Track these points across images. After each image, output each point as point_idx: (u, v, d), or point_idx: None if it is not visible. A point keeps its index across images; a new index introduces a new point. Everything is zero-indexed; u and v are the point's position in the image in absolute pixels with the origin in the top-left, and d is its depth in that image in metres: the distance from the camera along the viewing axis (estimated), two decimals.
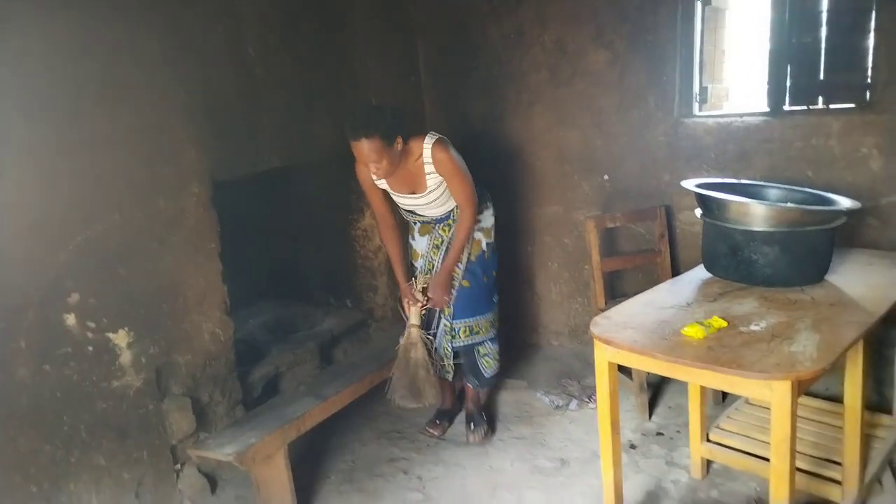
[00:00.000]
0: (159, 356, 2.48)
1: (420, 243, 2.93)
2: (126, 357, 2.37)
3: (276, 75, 2.88)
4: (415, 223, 2.94)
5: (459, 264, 2.85)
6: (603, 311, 2.61)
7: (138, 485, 2.44)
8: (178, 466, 2.58)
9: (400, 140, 2.58)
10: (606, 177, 3.50)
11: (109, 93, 2.26)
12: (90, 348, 2.26)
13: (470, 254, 2.87)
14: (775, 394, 1.67)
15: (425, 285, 2.86)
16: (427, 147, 2.68)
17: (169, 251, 2.48)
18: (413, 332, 2.84)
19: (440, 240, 2.88)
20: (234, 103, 2.71)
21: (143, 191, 2.38)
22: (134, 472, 2.42)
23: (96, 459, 2.30)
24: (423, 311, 2.87)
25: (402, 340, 2.87)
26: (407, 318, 2.89)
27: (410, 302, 2.85)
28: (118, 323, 2.34)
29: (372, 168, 2.60)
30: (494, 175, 3.75)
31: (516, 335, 3.88)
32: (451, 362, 2.94)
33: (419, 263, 2.93)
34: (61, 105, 2.13)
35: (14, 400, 2.07)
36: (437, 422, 3.08)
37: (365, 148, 2.50)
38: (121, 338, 2.35)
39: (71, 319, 2.20)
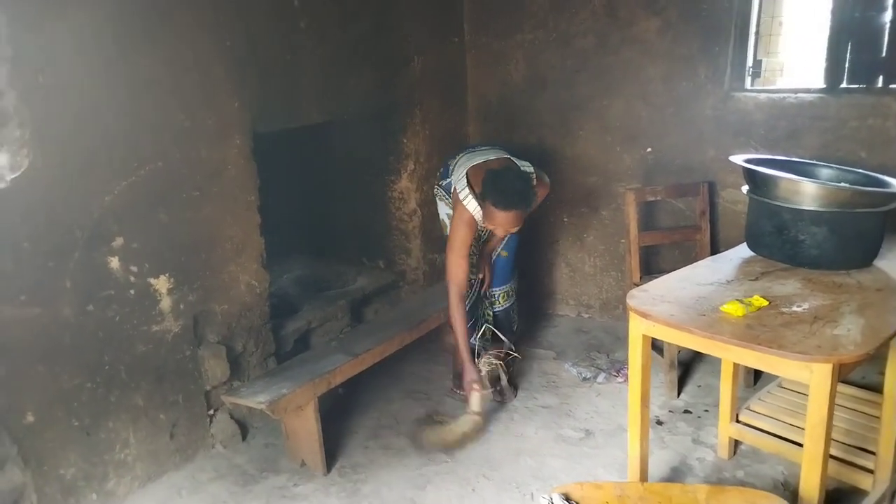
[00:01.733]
0: (197, 304, 2.53)
1: None
2: (166, 303, 2.42)
3: (319, 29, 2.86)
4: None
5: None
6: (637, 286, 2.59)
7: (173, 426, 2.52)
8: (212, 412, 2.66)
9: None
10: (649, 149, 3.43)
11: (157, 34, 2.27)
12: (132, 292, 2.32)
13: None
14: (815, 376, 1.63)
15: (489, 368, 2.86)
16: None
17: (209, 201, 2.51)
18: (476, 419, 2.71)
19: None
20: (276, 55, 2.70)
21: (186, 138, 2.40)
22: (169, 414, 2.50)
23: (135, 399, 2.38)
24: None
25: (464, 424, 2.71)
26: (469, 405, 2.73)
27: (478, 388, 2.72)
28: (159, 269, 2.39)
29: (503, 232, 2.67)
30: (534, 141, 3.72)
31: (547, 305, 3.87)
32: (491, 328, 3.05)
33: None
34: (108, 43, 2.14)
35: (58, 337, 2.14)
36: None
37: (513, 217, 2.56)
38: (161, 283, 2.40)
39: (115, 263, 2.25)
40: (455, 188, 2.72)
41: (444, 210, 2.96)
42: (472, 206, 2.65)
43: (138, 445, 2.42)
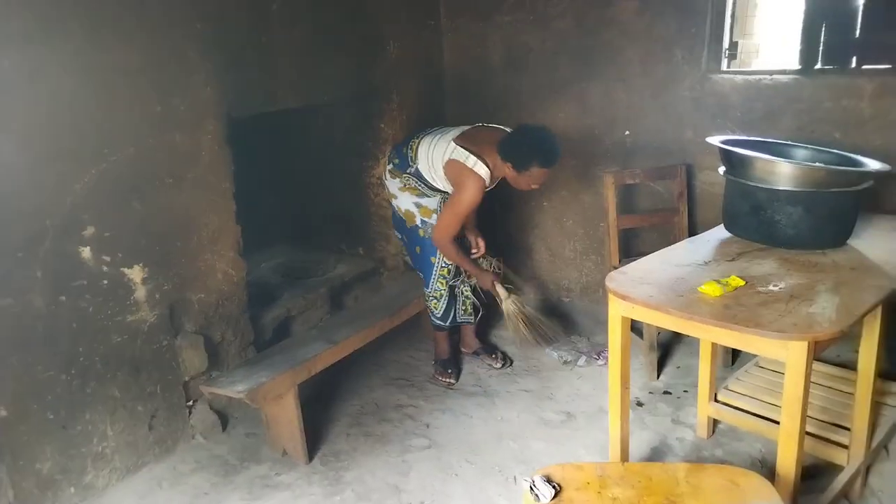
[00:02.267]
0: (173, 293, 2.50)
1: (433, 201, 3.01)
2: (141, 292, 2.38)
3: (292, 12, 2.80)
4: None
5: None
6: (616, 268, 2.60)
7: (151, 418, 2.49)
8: (191, 402, 2.63)
9: None
10: (627, 132, 3.43)
11: (127, 20, 2.21)
12: (105, 282, 2.28)
13: None
14: (791, 353, 1.65)
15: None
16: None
17: (183, 188, 2.47)
18: (513, 299, 3.03)
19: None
20: (249, 39, 2.65)
21: (158, 124, 2.35)
22: (147, 405, 2.47)
23: (111, 391, 2.35)
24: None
25: (508, 308, 3.03)
26: (499, 297, 3.03)
27: (497, 283, 3.01)
28: (133, 258, 2.35)
29: (529, 187, 2.83)
30: (513, 125, 3.68)
31: (527, 290, 3.87)
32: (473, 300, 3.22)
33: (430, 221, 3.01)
34: (79, 30, 2.09)
35: (30, 328, 2.10)
36: (450, 370, 3.11)
37: (549, 172, 2.77)
38: (136, 273, 2.36)
39: (86, 252, 2.21)
40: (451, 160, 2.77)
41: (409, 199, 2.99)
42: (483, 171, 2.73)
43: (116, 437, 2.39)
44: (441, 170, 2.85)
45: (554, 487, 1.58)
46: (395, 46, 3.40)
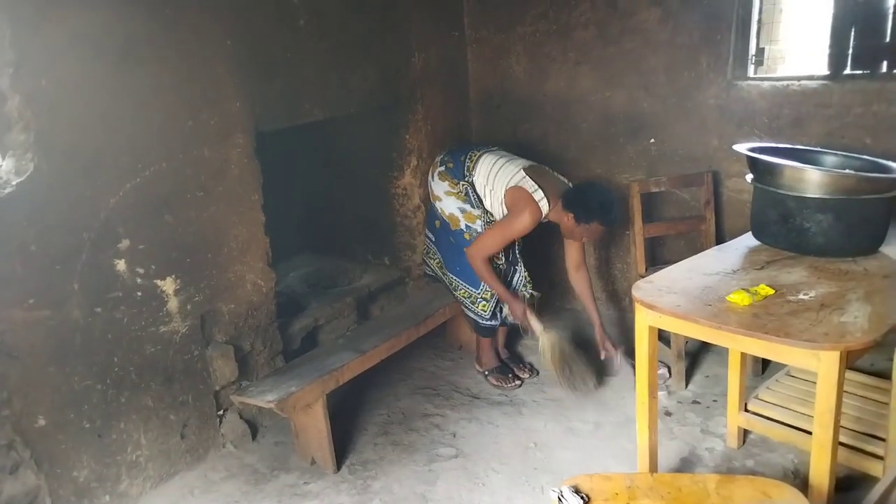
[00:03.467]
0: (204, 304, 2.54)
1: (477, 210, 3.04)
2: (173, 303, 2.43)
3: (319, 26, 2.85)
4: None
5: None
6: (642, 277, 2.58)
7: (183, 427, 2.54)
8: (221, 412, 2.67)
9: None
10: (652, 140, 3.42)
11: (157, 38, 2.27)
12: (139, 294, 2.33)
13: None
14: (823, 364, 1.63)
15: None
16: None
17: (213, 201, 2.52)
18: (550, 334, 2.99)
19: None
20: (277, 53, 2.70)
21: (189, 139, 2.41)
22: (179, 414, 2.51)
23: (145, 400, 2.40)
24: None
25: (544, 344, 3.00)
26: (532, 329, 3.04)
27: (530, 313, 3.03)
28: (166, 270, 2.40)
29: (582, 239, 2.97)
30: (538, 135, 3.71)
31: (553, 298, 3.86)
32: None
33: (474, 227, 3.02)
34: (113, 48, 2.15)
35: (68, 339, 2.16)
36: (509, 374, 3.15)
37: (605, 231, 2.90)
38: (168, 285, 2.41)
39: (121, 265, 2.26)
40: (519, 187, 2.84)
41: (455, 204, 3.00)
42: (545, 207, 2.83)
43: (149, 446, 2.43)
44: (501, 191, 2.90)
45: (582, 498, 1.58)
46: (420, 58, 3.43)
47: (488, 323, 3.12)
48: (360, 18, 3.07)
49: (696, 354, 3.23)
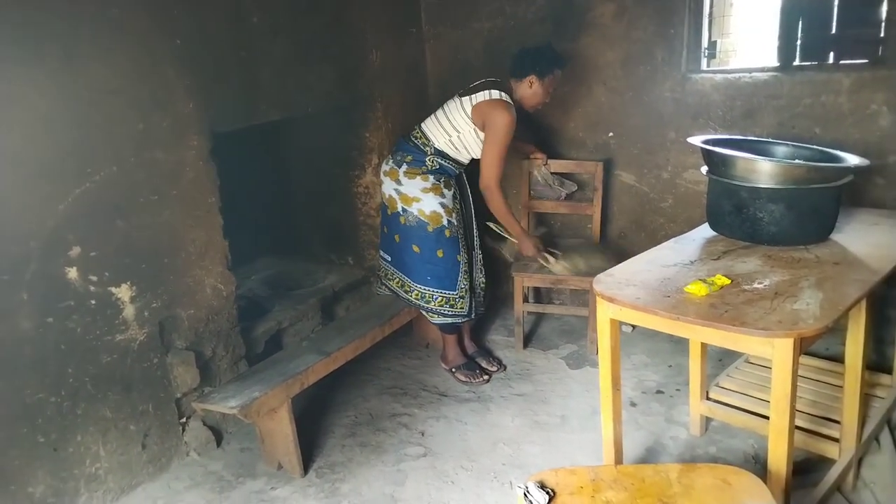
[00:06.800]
0: (162, 310, 2.49)
1: (451, 199, 3.04)
2: (129, 311, 2.37)
3: (272, 23, 2.80)
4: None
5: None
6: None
7: (144, 436, 2.48)
8: (184, 419, 2.62)
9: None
10: (611, 134, 3.45)
11: (104, 37, 2.20)
12: (93, 302, 2.26)
13: None
14: (777, 351, 1.67)
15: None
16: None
17: (168, 204, 2.46)
18: (562, 263, 3.16)
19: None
20: (230, 52, 2.64)
21: (140, 142, 2.34)
22: (140, 424, 2.46)
23: (102, 411, 2.33)
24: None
25: (558, 270, 3.17)
26: (546, 264, 3.17)
27: (541, 249, 3.16)
28: (120, 277, 2.33)
29: (547, 97, 3.00)
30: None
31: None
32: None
33: (454, 221, 3.02)
34: (56, 49, 2.08)
35: (18, 351, 2.09)
36: (477, 369, 3.16)
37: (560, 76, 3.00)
38: (123, 292, 2.35)
39: (73, 273, 2.19)
40: (475, 107, 2.88)
41: (434, 200, 2.96)
42: (507, 98, 2.90)
43: (109, 458, 2.37)
44: (470, 126, 2.91)
45: (548, 493, 1.59)
46: (377, 55, 3.41)
47: (461, 320, 3.11)
48: (314, 16, 3.03)
49: (660, 345, 3.28)
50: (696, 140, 2.39)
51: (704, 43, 3.20)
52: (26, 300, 2.09)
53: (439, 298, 3.04)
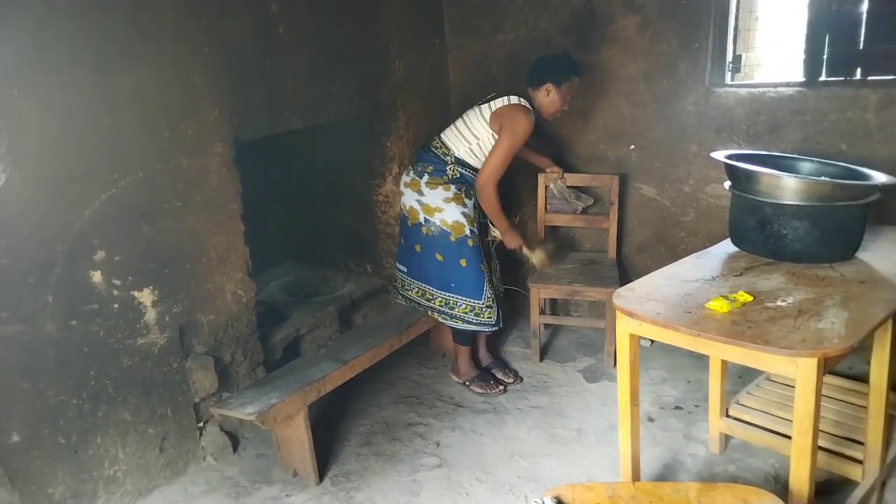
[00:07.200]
0: (182, 315, 2.51)
1: (471, 209, 3.07)
2: (151, 315, 2.40)
3: (298, 33, 2.84)
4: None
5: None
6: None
7: (162, 440, 2.50)
8: (201, 424, 2.64)
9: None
10: (632, 146, 3.44)
11: (133, 46, 2.24)
12: (116, 306, 2.29)
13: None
14: (801, 371, 1.64)
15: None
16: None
17: (192, 211, 2.49)
18: (540, 252, 3.26)
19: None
20: (256, 61, 2.68)
21: (166, 148, 2.38)
22: (158, 428, 2.48)
23: (122, 414, 2.36)
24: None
25: (539, 259, 3.26)
26: (527, 257, 3.25)
27: (526, 246, 3.19)
28: (143, 281, 2.36)
29: (565, 105, 3.00)
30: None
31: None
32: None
33: (476, 231, 3.06)
34: (86, 57, 2.12)
35: (41, 353, 2.12)
36: (491, 381, 3.16)
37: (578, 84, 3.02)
38: (145, 296, 2.38)
39: (97, 276, 2.23)
40: (493, 113, 2.90)
41: (457, 210, 2.98)
42: (525, 103, 2.93)
43: (128, 461, 2.40)
44: (488, 132, 2.92)
45: None
46: (400, 65, 3.43)
47: (488, 329, 3.09)
48: (338, 26, 3.06)
49: (679, 360, 3.25)
50: (720, 155, 2.37)
51: (729, 57, 3.18)
52: (51, 303, 2.12)
53: (463, 305, 3.03)
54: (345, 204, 3.73)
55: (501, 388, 3.11)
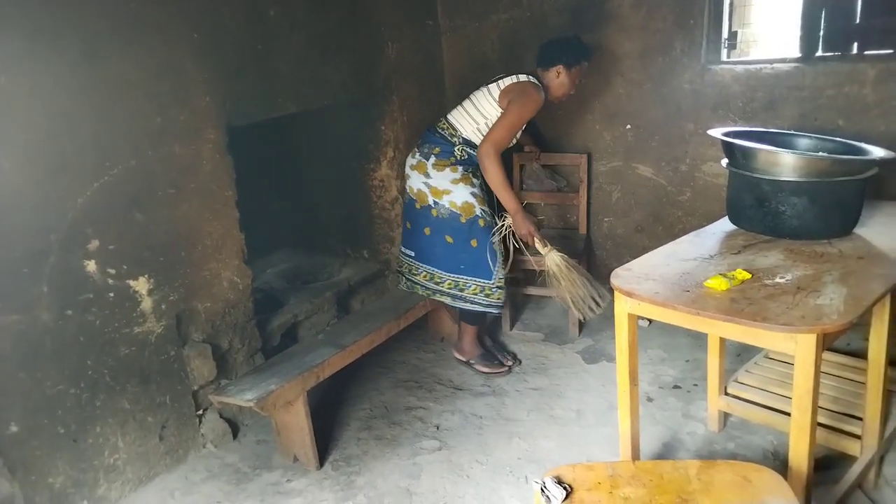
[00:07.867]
0: (179, 303, 2.50)
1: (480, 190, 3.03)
2: (147, 303, 2.39)
3: (289, 17, 2.80)
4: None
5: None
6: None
7: (162, 428, 2.50)
8: (201, 412, 2.64)
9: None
10: (629, 126, 3.42)
11: (124, 31, 2.21)
12: (111, 294, 2.28)
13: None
14: (800, 347, 1.64)
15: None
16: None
17: (185, 198, 2.47)
18: (555, 253, 2.93)
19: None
20: (247, 46, 2.64)
21: (158, 135, 2.35)
22: (157, 416, 2.48)
23: (121, 403, 2.35)
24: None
25: (550, 262, 2.94)
26: (539, 248, 2.96)
27: (534, 234, 2.93)
28: (138, 270, 2.35)
29: (572, 88, 2.97)
30: None
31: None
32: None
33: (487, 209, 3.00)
34: (76, 44, 2.09)
35: (38, 343, 2.11)
36: (496, 360, 3.15)
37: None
38: (141, 284, 2.36)
39: (91, 266, 2.21)
40: (503, 91, 2.85)
41: (466, 191, 2.94)
42: (541, 91, 2.87)
43: (127, 449, 2.40)
44: (497, 111, 2.87)
45: (565, 489, 1.58)
46: (393, 48, 3.39)
47: (496, 311, 3.07)
48: (330, 9, 3.02)
49: (677, 339, 3.25)
50: (717, 132, 2.35)
51: (725, 33, 3.15)
52: (46, 293, 2.10)
53: (473, 286, 3.01)
54: (340, 189, 3.71)
55: (507, 367, 3.10)
